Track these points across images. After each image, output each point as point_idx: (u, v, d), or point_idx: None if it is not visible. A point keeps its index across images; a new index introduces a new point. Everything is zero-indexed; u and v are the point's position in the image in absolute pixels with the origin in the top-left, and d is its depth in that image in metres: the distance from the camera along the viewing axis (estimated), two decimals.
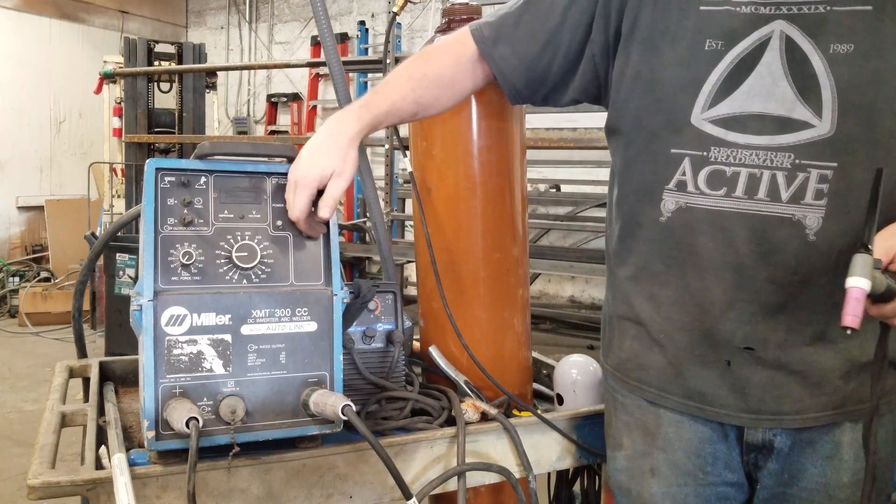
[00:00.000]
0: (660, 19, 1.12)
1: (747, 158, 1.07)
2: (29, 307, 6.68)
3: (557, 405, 1.56)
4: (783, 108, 1.05)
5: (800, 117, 1.04)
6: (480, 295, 1.51)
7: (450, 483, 1.27)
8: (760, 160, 1.06)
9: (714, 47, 1.08)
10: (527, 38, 1.24)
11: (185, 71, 6.63)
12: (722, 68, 1.07)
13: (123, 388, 1.55)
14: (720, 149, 1.08)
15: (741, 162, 1.07)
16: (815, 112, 1.04)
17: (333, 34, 1.55)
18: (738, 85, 1.07)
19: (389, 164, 5.63)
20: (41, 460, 1.11)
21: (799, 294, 1.07)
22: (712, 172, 1.09)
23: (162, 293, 1.09)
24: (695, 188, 1.11)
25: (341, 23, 8.64)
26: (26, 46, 8.18)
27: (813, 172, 1.04)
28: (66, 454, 1.28)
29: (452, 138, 1.48)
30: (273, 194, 1.19)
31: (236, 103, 9.65)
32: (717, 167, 1.09)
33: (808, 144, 1.04)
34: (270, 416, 1.14)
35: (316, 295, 1.18)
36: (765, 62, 1.06)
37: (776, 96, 1.05)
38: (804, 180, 1.04)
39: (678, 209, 1.13)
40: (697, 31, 1.09)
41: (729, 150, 1.08)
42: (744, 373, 1.12)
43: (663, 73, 1.12)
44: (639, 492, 1.23)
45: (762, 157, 1.06)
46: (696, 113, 1.09)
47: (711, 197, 1.10)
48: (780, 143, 1.05)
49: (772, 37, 1.05)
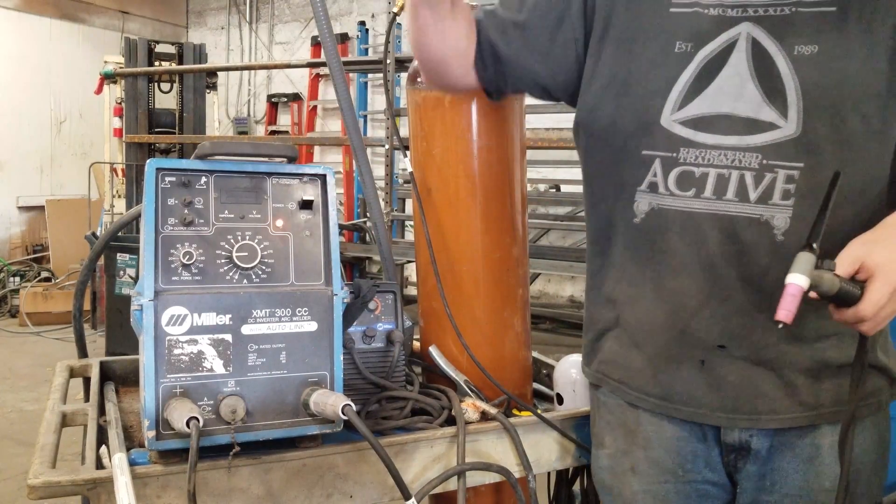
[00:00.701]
0: (633, 20, 1.14)
1: (716, 159, 1.08)
2: (29, 307, 6.68)
3: (557, 405, 1.56)
4: (750, 109, 1.06)
5: (766, 118, 1.05)
6: (480, 295, 1.51)
7: (450, 483, 1.27)
8: (729, 160, 1.07)
9: (684, 49, 1.09)
10: None
11: (185, 71, 6.63)
12: (691, 70, 1.09)
13: (124, 388, 1.55)
14: (689, 150, 1.09)
15: (710, 162, 1.08)
16: (781, 113, 1.05)
17: (333, 34, 1.55)
18: (707, 86, 1.08)
19: (389, 164, 5.63)
20: (42, 460, 1.11)
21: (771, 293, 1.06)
22: (682, 173, 1.10)
23: (162, 293, 1.09)
24: (665, 189, 1.12)
25: (341, 23, 8.64)
26: (27, 46, 8.19)
27: (780, 173, 1.05)
28: (67, 454, 1.28)
29: (452, 138, 1.48)
30: (273, 194, 1.19)
31: (237, 103, 9.66)
32: (687, 168, 1.10)
33: (774, 145, 1.05)
34: (271, 416, 1.14)
35: (316, 295, 1.18)
36: (732, 63, 1.07)
37: (744, 97, 1.06)
38: (772, 180, 1.05)
39: (651, 210, 1.14)
40: (668, 32, 1.11)
41: (698, 151, 1.09)
42: (718, 371, 1.12)
43: (636, 75, 1.13)
44: (620, 489, 1.24)
45: (731, 157, 1.07)
46: (667, 114, 1.10)
47: (681, 198, 1.11)
48: (748, 143, 1.06)
49: (739, 38, 1.07)
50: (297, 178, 1.22)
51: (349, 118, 1.61)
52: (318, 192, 1.22)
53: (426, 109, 1.51)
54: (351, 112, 1.61)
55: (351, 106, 1.62)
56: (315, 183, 1.23)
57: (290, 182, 1.21)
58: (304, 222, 1.20)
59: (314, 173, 1.23)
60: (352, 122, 1.61)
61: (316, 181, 1.23)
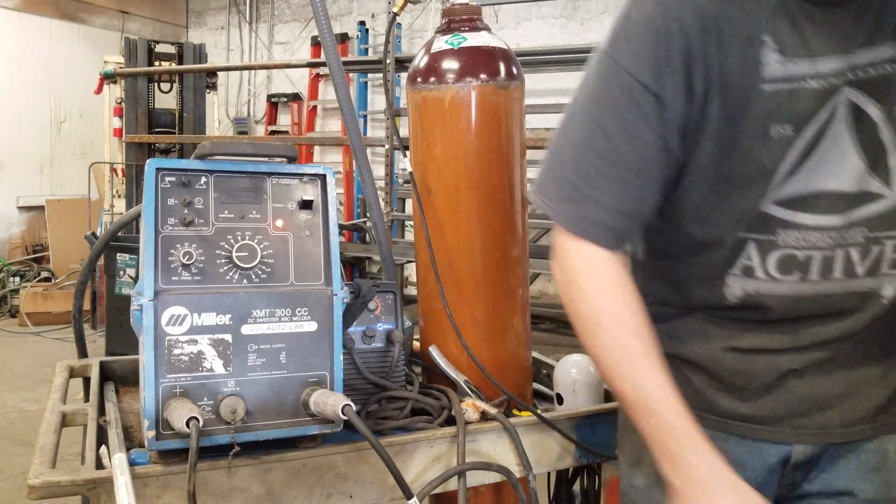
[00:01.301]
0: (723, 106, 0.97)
1: (819, 241, 0.98)
2: (29, 307, 6.68)
3: (557, 405, 1.56)
4: (854, 183, 0.96)
5: (870, 189, 0.96)
6: (480, 295, 1.51)
7: (450, 483, 1.27)
8: (833, 241, 0.98)
9: (782, 133, 0.95)
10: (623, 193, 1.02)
11: (185, 71, 6.63)
12: (793, 156, 0.96)
13: (124, 388, 1.55)
14: (789, 231, 0.99)
15: (813, 245, 0.98)
16: (884, 181, 0.96)
17: (333, 34, 1.55)
18: (804, 163, 0.96)
19: (389, 164, 5.63)
20: (41, 460, 1.11)
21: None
22: (784, 257, 1.00)
23: (162, 293, 1.09)
24: (765, 274, 1.02)
25: (341, 23, 8.64)
26: (26, 46, 8.18)
27: (888, 244, 0.98)
28: (67, 454, 1.28)
29: (452, 138, 1.48)
30: (273, 194, 1.19)
31: (237, 103, 9.65)
32: (788, 251, 1.00)
33: (879, 216, 0.97)
34: (270, 416, 1.14)
35: (316, 295, 1.18)
36: (831, 134, 0.95)
37: (846, 170, 0.96)
38: (879, 252, 0.98)
39: (746, 296, 1.04)
40: (761, 115, 0.95)
41: (799, 233, 0.98)
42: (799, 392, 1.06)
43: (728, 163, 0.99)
44: None
45: (835, 237, 0.98)
46: (765, 202, 0.99)
47: (785, 283, 1.01)
48: (852, 219, 0.97)
49: (838, 106, 0.94)
50: (297, 178, 1.22)
51: (349, 118, 1.61)
52: (318, 192, 1.22)
53: (426, 109, 1.51)
54: (351, 112, 1.61)
55: (351, 106, 1.62)
56: (315, 183, 1.23)
57: (289, 182, 1.21)
58: (304, 222, 1.20)
59: (314, 173, 1.23)
60: (352, 122, 1.61)
61: (316, 181, 1.23)
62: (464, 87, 1.45)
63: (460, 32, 1.50)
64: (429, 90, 1.49)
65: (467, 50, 1.47)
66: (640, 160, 0.99)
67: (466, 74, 1.45)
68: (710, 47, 0.94)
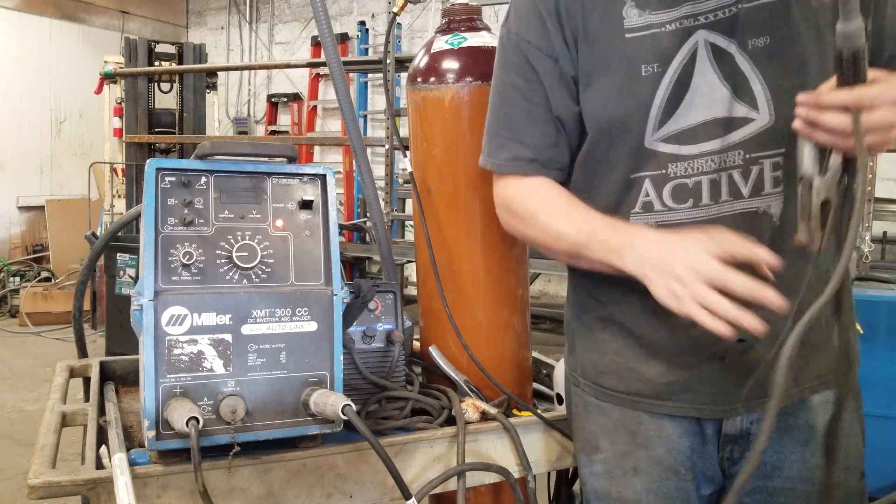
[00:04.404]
0: (591, 54, 1.14)
1: (703, 166, 1.11)
2: (29, 307, 6.69)
3: (557, 405, 1.56)
4: (724, 110, 1.09)
5: (739, 114, 1.09)
6: (480, 295, 1.51)
7: (450, 482, 1.27)
8: (717, 164, 1.10)
9: (651, 71, 1.11)
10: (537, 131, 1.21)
11: (185, 71, 6.63)
12: (663, 89, 1.11)
13: (124, 388, 1.55)
14: (678, 163, 1.12)
15: (699, 171, 1.11)
16: (752, 106, 1.09)
17: (333, 34, 1.55)
18: (681, 100, 1.11)
19: (389, 164, 5.62)
20: (42, 460, 1.11)
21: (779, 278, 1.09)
22: (675, 187, 1.12)
23: (162, 293, 1.09)
24: (662, 206, 1.14)
25: (341, 23, 8.65)
26: (26, 46, 8.19)
27: (766, 163, 1.10)
28: (67, 454, 1.29)
29: (452, 138, 1.48)
30: (273, 194, 1.19)
31: (237, 103, 9.66)
32: (679, 181, 1.12)
33: (753, 137, 1.09)
34: (271, 416, 1.14)
35: (316, 295, 1.18)
36: (698, 72, 1.10)
37: (715, 100, 1.10)
38: (759, 172, 1.10)
39: None
40: (630, 58, 1.12)
41: (686, 164, 1.12)
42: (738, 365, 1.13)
43: (607, 106, 1.13)
44: (620, 492, 1.22)
45: (717, 161, 1.10)
46: (648, 136, 1.12)
47: (681, 210, 1.13)
48: (729, 142, 1.10)
49: (698, 46, 1.10)
50: (297, 178, 1.22)
51: (349, 118, 1.61)
52: (318, 192, 1.22)
53: (426, 110, 1.51)
54: (351, 112, 1.61)
55: (351, 106, 1.62)
56: (315, 183, 1.23)
57: (290, 182, 1.21)
58: (304, 222, 1.20)
59: (314, 173, 1.23)
60: (352, 122, 1.61)
61: (316, 181, 1.23)
62: (464, 87, 1.45)
63: (460, 32, 1.50)
64: (429, 90, 1.49)
65: (467, 50, 1.48)
66: (545, 101, 1.18)
67: (466, 74, 1.45)
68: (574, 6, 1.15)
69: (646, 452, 1.20)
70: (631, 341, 1.20)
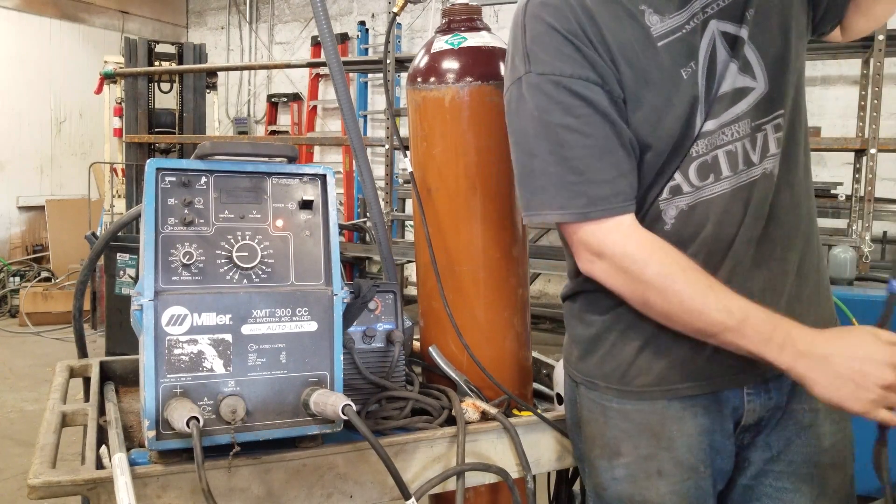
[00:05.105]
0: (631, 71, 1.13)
1: (719, 140, 1.15)
2: (29, 307, 6.68)
3: (557, 405, 1.56)
4: (731, 84, 1.15)
5: (742, 84, 1.16)
6: (480, 295, 1.51)
7: (449, 482, 1.27)
8: (730, 136, 1.16)
9: (691, 70, 1.14)
10: None
11: (185, 71, 6.63)
12: (700, 85, 1.15)
13: (124, 388, 1.55)
14: (698, 142, 1.15)
15: (716, 145, 1.15)
16: (752, 76, 1.16)
17: (333, 34, 1.55)
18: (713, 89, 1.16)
19: (389, 164, 5.62)
20: (42, 460, 1.11)
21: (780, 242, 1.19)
22: (700, 165, 1.16)
23: (162, 293, 1.10)
24: (690, 186, 1.16)
25: (341, 23, 8.64)
26: (26, 46, 8.18)
27: (768, 126, 1.17)
28: (67, 454, 1.29)
29: (452, 138, 1.48)
30: (273, 194, 1.19)
31: (237, 103, 9.66)
32: (701, 159, 1.16)
33: (755, 106, 1.16)
34: (271, 416, 1.14)
35: (316, 295, 1.18)
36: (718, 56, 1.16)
37: (728, 77, 1.15)
38: (764, 137, 1.16)
39: (680, 213, 1.17)
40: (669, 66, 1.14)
41: (706, 140, 1.15)
42: None
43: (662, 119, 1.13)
44: (644, 495, 1.21)
45: (729, 133, 1.15)
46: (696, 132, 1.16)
47: (706, 187, 1.16)
48: (738, 113, 1.16)
49: (715, 36, 1.16)
50: (297, 178, 1.22)
51: (349, 118, 1.61)
52: (318, 192, 1.22)
53: (426, 110, 1.51)
54: (351, 112, 1.61)
55: (351, 106, 1.62)
56: (315, 183, 1.23)
57: (290, 182, 1.21)
58: (304, 222, 1.20)
59: (314, 173, 1.23)
60: (352, 122, 1.61)
61: (316, 181, 1.23)
62: (464, 87, 1.45)
63: (460, 32, 1.50)
64: (429, 90, 1.49)
65: (467, 50, 1.48)
66: (604, 130, 1.12)
67: (466, 74, 1.46)
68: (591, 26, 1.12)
69: (669, 454, 1.20)
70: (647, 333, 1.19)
